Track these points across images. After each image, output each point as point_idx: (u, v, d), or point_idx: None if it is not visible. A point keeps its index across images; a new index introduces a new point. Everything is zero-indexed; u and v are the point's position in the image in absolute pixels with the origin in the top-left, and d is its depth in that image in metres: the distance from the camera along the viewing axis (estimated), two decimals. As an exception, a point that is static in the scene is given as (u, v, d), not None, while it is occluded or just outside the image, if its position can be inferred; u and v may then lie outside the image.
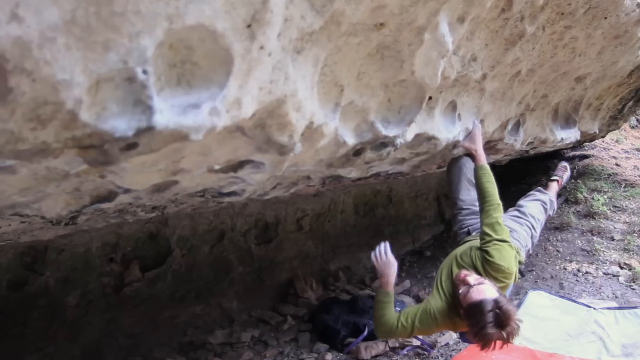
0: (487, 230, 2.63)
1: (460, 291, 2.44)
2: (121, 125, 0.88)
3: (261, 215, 4.96)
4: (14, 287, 3.67)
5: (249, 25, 1.02)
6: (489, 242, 2.60)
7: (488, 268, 2.56)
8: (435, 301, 2.63)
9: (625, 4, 3.09)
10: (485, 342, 2.29)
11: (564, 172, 4.29)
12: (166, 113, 0.94)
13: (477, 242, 2.72)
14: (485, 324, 2.25)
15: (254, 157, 1.64)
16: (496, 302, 2.30)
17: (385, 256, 2.75)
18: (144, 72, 0.86)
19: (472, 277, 2.46)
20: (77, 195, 1.69)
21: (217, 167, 1.65)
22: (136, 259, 4.24)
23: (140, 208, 2.41)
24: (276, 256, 5.07)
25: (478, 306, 2.31)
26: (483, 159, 2.90)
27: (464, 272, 2.52)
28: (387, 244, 2.82)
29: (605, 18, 3.15)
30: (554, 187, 4.07)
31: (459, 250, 2.83)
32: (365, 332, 4.07)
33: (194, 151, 1.36)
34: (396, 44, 1.87)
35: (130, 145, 0.95)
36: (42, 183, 1.37)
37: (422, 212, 6.82)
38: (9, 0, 0.68)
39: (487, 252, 2.57)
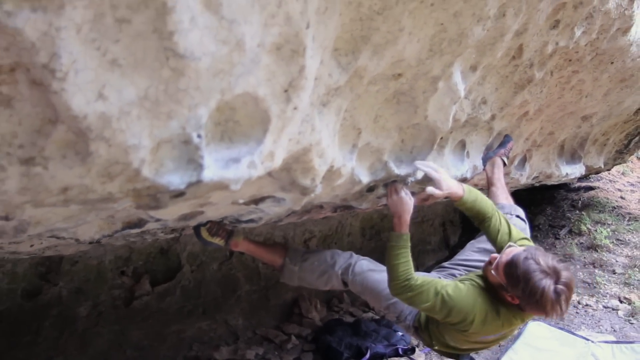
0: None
1: (491, 270, 2.17)
2: (175, 179, 1.01)
3: (270, 235, 5.07)
4: (28, 296, 3.77)
5: (286, 90, 1.15)
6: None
7: None
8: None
9: (631, 51, 3.21)
10: (547, 301, 1.96)
11: None
12: (212, 167, 1.07)
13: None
14: (532, 277, 1.96)
15: (276, 194, 1.77)
16: (528, 252, 2.07)
17: (397, 194, 2.31)
18: (199, 136, 0.99)
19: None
20: (110, 221, 1.82)
21: (241, 201, 1.78)
22: (147, 273, 4.34)
23: (161, 230, 2.54)
24: (282, 275, 5.17)
25: (512, 263, 2.06)
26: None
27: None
28: (400, 183, 2.33)
29: (612, 63, 3.27)
30: None
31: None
32: (367, 356, 4.15)
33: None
34: (412, 91, 2.00)
35: (179, 194, 1.08)
36: (84, 212, 1.49)
37: (427, 237, 6.90)
38: (97, 82, 0.81)
39: None
